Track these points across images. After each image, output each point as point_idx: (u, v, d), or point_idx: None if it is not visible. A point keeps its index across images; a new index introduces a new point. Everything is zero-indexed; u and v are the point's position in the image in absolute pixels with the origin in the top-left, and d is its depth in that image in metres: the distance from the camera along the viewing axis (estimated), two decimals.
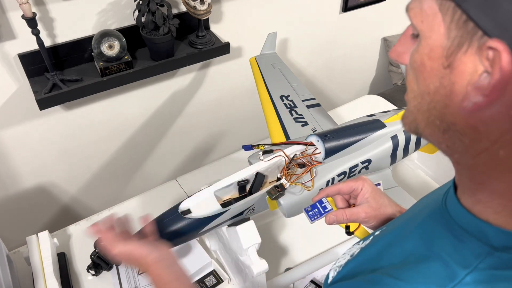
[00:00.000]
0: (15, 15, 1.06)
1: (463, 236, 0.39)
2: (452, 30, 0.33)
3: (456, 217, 0.41)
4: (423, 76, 0.37)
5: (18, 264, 1.05)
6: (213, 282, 1.03)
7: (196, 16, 1.23)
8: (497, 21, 0.30)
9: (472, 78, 0.33)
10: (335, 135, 0.97)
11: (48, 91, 1.13)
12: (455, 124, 0.36)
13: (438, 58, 0.35)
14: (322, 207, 0.69)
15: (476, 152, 0.37)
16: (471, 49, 0.32)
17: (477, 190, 0.39)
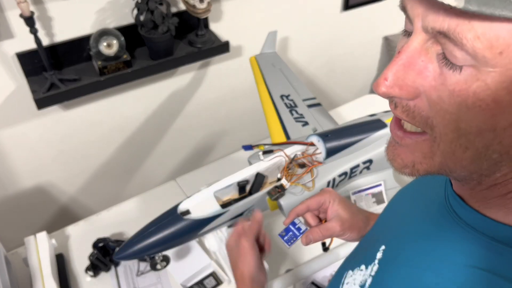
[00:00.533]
0: (13, 14, 1.06)
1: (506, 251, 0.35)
2: None
3: (491, 232, 0.37)
4: (492, 113, 0.30)
5: (16, 265, 1.04)
6: (212, 283, 1.02)
7: (196, 15, 1.22)
8: None
9: None
10: (336, 135, 0.96)
11: (46, 90, 1.12)
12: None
13: None
14: (296, 228, 0.70)
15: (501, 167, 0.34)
16: None
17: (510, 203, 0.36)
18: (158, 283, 1.03)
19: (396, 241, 0.48)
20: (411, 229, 0.47)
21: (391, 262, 0.46)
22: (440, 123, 0.33)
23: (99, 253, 1.02)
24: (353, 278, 0.50)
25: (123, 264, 1.07)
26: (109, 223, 1.17)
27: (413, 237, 0.45)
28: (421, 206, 0.49)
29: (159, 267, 1.04)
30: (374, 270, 0.47)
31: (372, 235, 0.59)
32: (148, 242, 0.82)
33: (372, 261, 0.48)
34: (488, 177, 0.36)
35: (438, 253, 0.40)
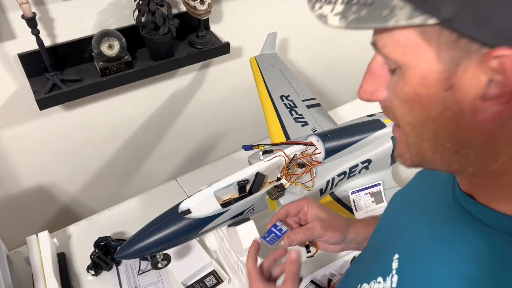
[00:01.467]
0: (15, 15, 1.06)
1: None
2: (444, 52, 0.32)
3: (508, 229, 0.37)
4: (421, 105, 0.36)
5: (18, 264, 1.05)
6: (213, 282, 1.03)
7: (196, 16, 1.23)
8: (495, 30, 0.29)
9: (478, 91, 0.32)
10: (335, 135, 0.97)
11: (48, 91, 1.13)
12: (472, 140, 0.35)
13: (434, 83, 0.34)
14: (278, 230, 0.71)
15: (496, 158, 0.36)
16: (471, 64, 0.31)
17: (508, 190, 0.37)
18: (159, 282, 1.03)
19: (409, 248, 0.48)
20: (423, 234, 0.47)
21: (410, 271, 0.45)
22: (400, 119, 0.39)
23: (101, 252, 1.03)
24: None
25: (124, 263, 1.07)
26: (110, 223, 1.18)
27: (427, 242, 0.45)
28: (428, 209, 0.49)
29: (160, 266, 1.04)
30: (394, 281, 0.46)
31: (379, 244, 0.58)
32: (149, 241, 0.83)
33: (389, 272, 0.48)
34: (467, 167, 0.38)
35: (459, 255, 0.40)
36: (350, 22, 0.34)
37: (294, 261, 0.66)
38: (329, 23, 0.35)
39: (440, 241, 0.44)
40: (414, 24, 0.32)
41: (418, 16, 0.31)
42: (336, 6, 0.35)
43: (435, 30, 0.32)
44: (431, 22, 0.31)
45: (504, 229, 0.38)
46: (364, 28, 0.33)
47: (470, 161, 0.37)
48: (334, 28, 0.35)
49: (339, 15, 0.34)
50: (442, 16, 0.30)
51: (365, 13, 0.33)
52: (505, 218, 0.38)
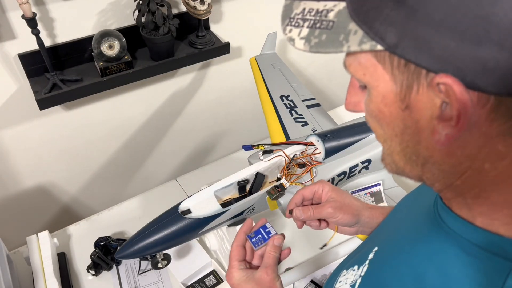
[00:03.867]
0: (15, 15, 1.06)
1: (479, 254, 0.36)
2: (397, 75, 0.33)
3: (465, 234, 0.38)
4: (386, 122, 0.37)
5: (18, 264, 1.05)
6: (213, 282, 1.03)
7: (196, 16, 1.23)
8: (435, 56, 0.30)
9: (434, 112, 0.33)
10: (335, 135, 0.97)
11: (48, 91, 1.13)
12: (432, 157, 0.36)
13: (393, 103, 0.35)
14: (266, 232, 0.68)
15: (460, 174, 0.36)
16: (422, 87, 0.32)
17: (475, 205, 0.38)
18: (159, 282, 1.03)
19: (386, 244, 0.50)
20: (402, 233, 0.49)
21: (379, 263, 0.47)
22: (374, 131, 0.41)
23: (101, 252, 1.03)
24: (345, 278, 0.51)
25: (124, 263, 1.07)
26: (111, 223, 1.18)
27: (402, 240, 0.47)
28: (414, 213, 0.50)
29: (160, 265, 1.04)
30: (364, 270, 0.48)
31: (371, 238, 0.60)
32: (149, 241, 0.83)
33: (364, 261, 0.50)
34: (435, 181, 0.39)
35: (419, 256, 0.42)
36: (312, 47, 0.35)
37: (277, 246, 0.65)
38: (296, 47, 0.37)
39: (410, 241, 0.45)
40: (364, 49, 0.33)
41: (367, 42, 0.33)
42: (303, 30, 0.37)
43: (386, 55, 0.33)
44: (379, 48, 0.32)
45: (463, 235, 0.38)
46: (323, 53, 0.35)
47: (436, 176, 0.38)
48: (300, 50, 0.37)
49: (304, 39, 0.36)
50: (387, 43, 0.32)
51: (325, 38, 0.35)
52: (465, 224, 0.39)
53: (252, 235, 0.68)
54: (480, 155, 0.34)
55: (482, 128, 0.32)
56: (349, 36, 0.33)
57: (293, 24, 0.38)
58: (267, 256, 0.64)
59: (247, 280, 0.62)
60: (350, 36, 0.33)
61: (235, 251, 0.66)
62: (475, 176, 0.36)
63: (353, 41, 0.33)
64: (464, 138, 0.33)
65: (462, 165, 0.36)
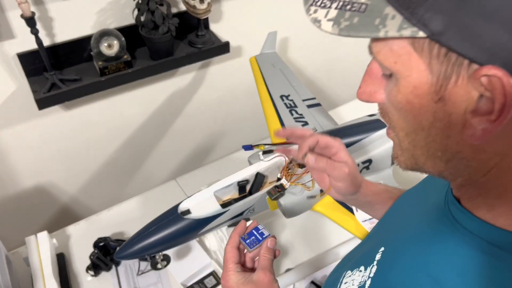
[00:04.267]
0: (14, 14, 1.06)
1: (499, 254, 0.36)
2: (434, 65, 0.32)
3: (483, 235, 0.38)
4: (413, 114, 0.36)
5: (17, 264, 1.05)
6: (212, 283, 1.03)
7: (196, 15, 1.22)
8: (483, 48, 0.29)
9: (469, 106, 0.32)
10: (335, 135, 0.96)
11: (47, 90, 1.13)
12: (460, 152, 0.35)
13: (425, 94, 0.34)
14: (260, 233, 0.67)
15: (486, 170, 0.36)
16: (461, 79, 0.31)
17: (496, 205, 0.37)
18: (159, 283, 1.03)
19: (395, 244, 0.49)
20: (410, 233, 0.48)
21: (389, 264, 0.46)
22: (395, 124, 0.39)
23: (100, 252, 1.03)
24: (351, 279, 0.50)
25: (123, 264, 1.07)
26: (110, 223, 1.17)
27: (412, 240, 0.46)
28: (422, 210, 0.49)
29: (159, 266, 1.04)
30: (373, 271, 0.47)
31: (373, 237, 0.59)
32: (149, 242, 0.82)
33: (371, 262, 0.48)
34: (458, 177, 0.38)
35: (434, 256, 0.41)
36: (342, 30, 0.34)
37: (270, 249, 0.65)
38: (323, 29, 0.35)
39: (420, 241, 0.44)
40: (403, 35, 0.32)
41: (408, 28, 0.31)
42: (330, 11, 0.35)
43: (426, 43, 0.32)
44: (421, 35, 0.31)
45: (481, 235, 0.38)
46: (355, 37, 0.33)
47: (460, 172, 0.37)
48: (327, 33, 0.35)
49: (332, 21, 0.34)
50: (431, 30, 0.30)
51: (357, 21, 0.33)
52: (483, 224, 0.38)
53: (246, 237, 0.67)
54: (510, 153, 0.33)
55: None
56: (386, 20, 0.32)
57: (319, 5, 0.36)
58: (262, 259, 0.64)
59: (245, 283, 0.61)
60: (388, 20, 0.32)
61: (231, 253, 0.65)
62: (500, 174, 0.35)
63: (391, 26, 0.32)
64: (497, 134, 0.32)
65: (491, 161, 0.35)
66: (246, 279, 0.62)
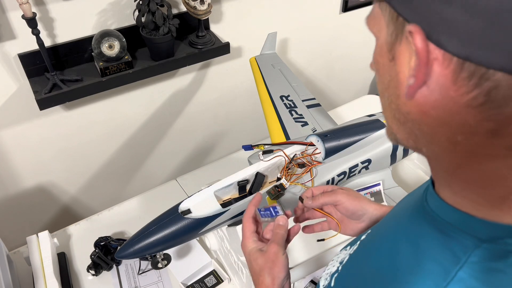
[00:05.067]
0: (15, 15, 1.07)
1: (450, 230, 0.39)
2: (390, 26, 0.35)
3: (439, 211, 0.40)
4: (379, 73, 0.39)
5: (18, 264, 1.05)
6: (213, 282, 1.03)
7: (196, 16, 1.23)
8: (413, 8, 0.32)
9: (409, 65, 0.34)
10: (335, 135, 0.97)
11: (48, 91, 1.13)
12: (409, 113, 0.37)
13: (385, 53, 0.37)
14: (275, 211, 0.72)
15: (439, 141, 0.37)
16: (404, 38, 0.34)
17: (451, 182, 0.39)
18: (159, 282, 1.03)
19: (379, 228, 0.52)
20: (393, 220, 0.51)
21: (368, 243, 0.50)
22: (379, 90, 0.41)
23: (101, 252, 1.03)
24: (338, 257, 0.54)
25: (124, 263, 1.07)
26: (111, 223, 1.18)
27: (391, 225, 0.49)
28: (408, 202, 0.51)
29: (160, 265, 1.05)
30: (354, 249, 0.51)
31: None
32: (149, 241, 0.83)
33: (356, 242, 0.53)
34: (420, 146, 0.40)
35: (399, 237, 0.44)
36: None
37: (281, 225, 0.69)
38: None
39: (397, 224, 0.47)
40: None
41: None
42: None
43: (384, 6, 0.35)
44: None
45: (438, 213, 0.40)
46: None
47: (419, 139, 0.39)
48: None
49: None
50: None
51: None
52: (441, 203, 0.40)
53: (262, 209, 0.72)
54: (452, 124, 0.34)
55: (450, 92, 0.32)
56: None
57: None
58: (273, 234, 0.69)
59: (256, 252, 0.67)
60: None
61: (248, 223, 0.71)
62: (450, 148, 0.36)
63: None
64: (436, 99, 0.34)
65: (439, 129, 0.36)
66: (258, 248, 0.67)
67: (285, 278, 0.65)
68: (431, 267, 0.38)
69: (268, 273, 0.64)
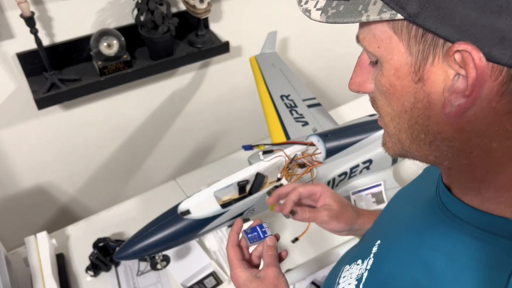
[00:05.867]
0: (13, 14, 1.06)
1: (488, 238, 0.37)
2: (413, 46, 0.34)
3: (471, 220, 0.39)
4: (396, 97, 0.37)
5: (17, 265, 1.05)
6: (212, 283, 1.02)
7: (196, 15, 1.22)
8: (455, 26, 0.31)
9: (447, 84, 0.33)
10: (335, 135, 0.96)
11: (46, 90, 1.12)
12: (441, 132, 0.36)
13: (406, 75, 0.35)
14: (263, 231, 0.68)
15: (468, 151, 0.36)
16: (438, 58, 0.33)
17: (481, 189, 0.38)
18: (158, 283, 1.03)
19: (390, 236, 0.50)
20: (404, 225, 0.49)
21: (384, 255, 0.48)
22: (380, 109, 0.41)
23: (100, 253, 1.03)
24: (349, 272, 0.52)
25: (123, 264, 1.07)
26: (109, 223, 1.17)
27: (406, 231, 0.48)
28: (415, 203, 0.50)
29: (159, 266, 1.04)
30: (369, 263, 0.49)
31: (371, 233, 0.60)
32: (148, 242, 0.82)
33: (368, 255, 0.50)
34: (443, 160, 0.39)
35: (426, 244, 0.43)
36: (329, 17, 0.36)
37: (271, 246, 0.66)
38: (312, 18, 0.37)
39: (413, 230, 0.46)
40: (383, 19, 0.34)
41: (387, 12, 0.33)
42: (319, 1, 0.37)
43: (404, 25, 0.34)
44: (399, 17, 0.33)
45: (469, 221, 0.39)
46: (340, 23, 0.36)
47: (444, 154, 0.38)
48: (316, 21, 0.38)
49: (320, 10, 0.37)
50: (408, 12, 0.32)
51: (342, 8, 0.35)
52: (473, 211, 0.39)
53: (249, 231, 0.68)
54: (488, 133, 0.34)
55: (492, 103, 0.32)
56: (368, 6, 0.34)
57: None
58: (265, 257, 0.65)
59: (253, 279, 0.62)
60: (370, 6, 0.34)
61: (233, 251, 0.66)
62: (482, 156, 0.36)
63: (372, 11, 0.34)
64: (475, 112, 0.33)
65: (471, 142, 0.36)
66: (253, 275, 0.63)
67: None
68: (476, 276, 0.36)
69: None
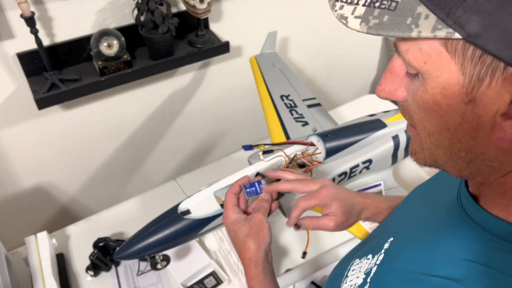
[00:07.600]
0: (13, 14, 1.06)
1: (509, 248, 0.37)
2: (467, 66, 0.32)
3: (494, 229, 0.38)
4: (439, 115, 0.35)
5: (17, 264, 1.05)
6: (212, 283, 1.03)
7: (196, 15, 1.22)
8: None
9: (501, 108, 0.32)
10: (335, 135, 0.96)
11: (46, 90, 1.12)
12: (484, 153, 0.35)
13: (455, 95, 0.33)
14: (260, 187, 0.75)
15: (507, 171, 0.36)
16: (495, 81, 0.31)
17: (509, 205, 0.38)
18: (159, 283, 1.03)
19: (404, 235, 0.50)
20: (420, 225, 0.49)
21: (396, 253, 0.47)
22: (416, 122, 0.39)
23: (100, 252, 1.03)
24: (359, 266, 0.51)
25: (123, 264, 1.07)
26: (110, 223, 1.17)
27: (421, 232, 0.47)
28: (432, 204, 0.50)
29: (159, 266, 1.04)
30: (379, 259, 0.48)
31: (383, 228, 0.60)
32: (149, 242, 0.82)
33: (379, 251, 0.50)
34: (477, 176, 0.38)
35: (442, 249, 0.41)
36: (371, 28, 0.33)
37: (265, 200, 0.72)
38: (350, 26, 0.34)
39: (429, 232, 0.45)
40: (438, 36, 0.31)
41: (443, 29, 0.31)
42: (358, 8, 0.34)
43: (460, 44, 0.31)
44: (456, 36, 0.30)
45: (495, 232, 0.38)
46: (385, 36, 0.33)
47: (481, 171, 0.37)
48: (354, 31, 0.34)
49: (359, 18, 0.34)
50: (468, 32, 0.30)
51: (387, 19, 0.32)
52: (498, 221, 0.38)
53: (248, 186, 0.75)
54: None
55: None
56: (419, 20, 0.31)
57: (345, 1, 0.35)
58: (257, 206, 0.71)
59: (240, 221, 0.69)
60: (420, 20, 0.31)
61: (230, 197, 0.73)
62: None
63: (424, 27, 0.31)
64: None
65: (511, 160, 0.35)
66: (241, 218, 0.70)
67: (269, 245, 0.67)
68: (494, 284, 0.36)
69: (253, 239, 0.65)
